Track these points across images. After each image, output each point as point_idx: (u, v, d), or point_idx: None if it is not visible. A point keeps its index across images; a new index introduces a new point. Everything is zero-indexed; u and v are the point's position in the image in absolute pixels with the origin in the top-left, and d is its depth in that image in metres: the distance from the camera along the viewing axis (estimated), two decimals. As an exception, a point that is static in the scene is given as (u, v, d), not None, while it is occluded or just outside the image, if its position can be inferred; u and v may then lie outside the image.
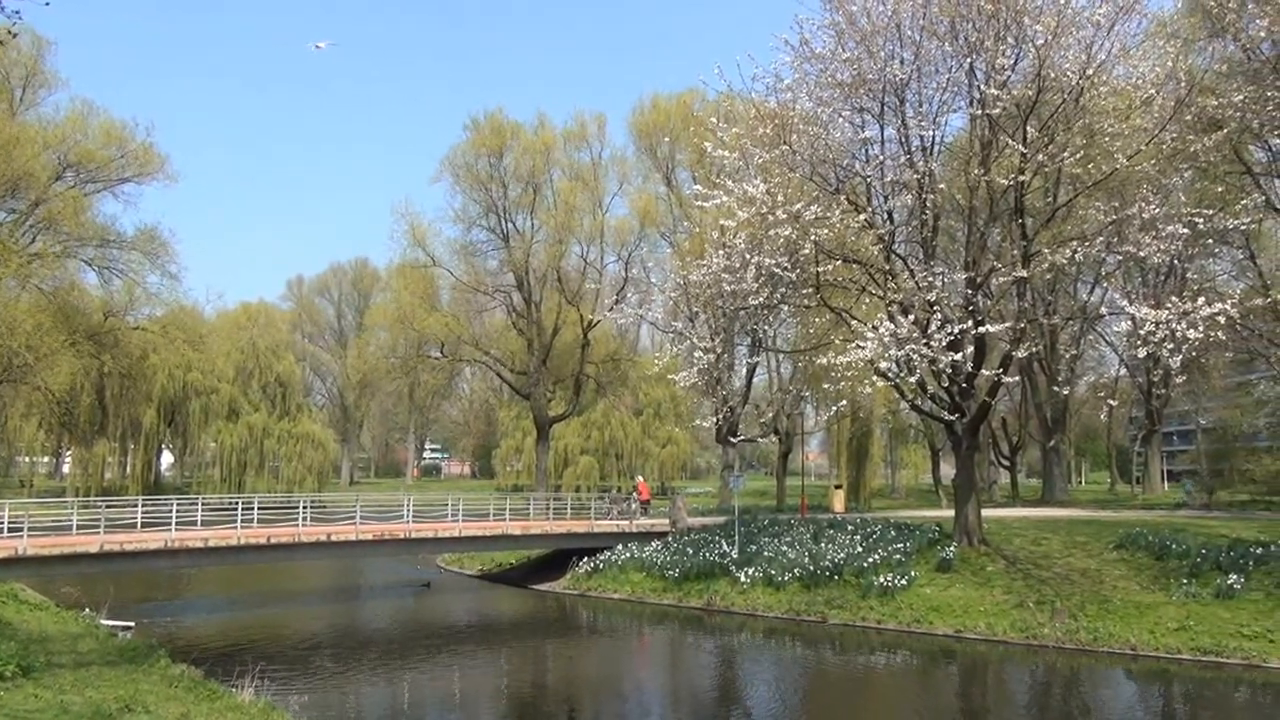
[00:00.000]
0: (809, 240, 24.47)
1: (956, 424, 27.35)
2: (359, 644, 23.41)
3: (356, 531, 27.44)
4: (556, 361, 53.96)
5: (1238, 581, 21.57)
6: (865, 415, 48.00)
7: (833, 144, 25.81)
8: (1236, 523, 31.11)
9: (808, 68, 25.45)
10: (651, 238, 52.65)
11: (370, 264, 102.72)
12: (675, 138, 50.99)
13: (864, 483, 51.51)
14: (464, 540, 30.69)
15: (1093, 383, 66.95)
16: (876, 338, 23.17)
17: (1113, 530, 27.87)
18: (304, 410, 71.95)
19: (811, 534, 29.65)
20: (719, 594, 27.11)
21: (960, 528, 27.43)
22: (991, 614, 22.83)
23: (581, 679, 20.49)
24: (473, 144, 50.91)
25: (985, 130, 24.72)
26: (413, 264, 52.44)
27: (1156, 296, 37.93)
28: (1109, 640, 20.64)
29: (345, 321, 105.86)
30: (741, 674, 21.07)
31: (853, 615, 24.28)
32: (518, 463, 74.75)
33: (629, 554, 30.92)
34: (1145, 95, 22.96)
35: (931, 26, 24.01)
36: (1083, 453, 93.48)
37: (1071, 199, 25.17)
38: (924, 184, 25.04)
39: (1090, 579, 23.80)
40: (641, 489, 38.78)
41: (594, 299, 51.31)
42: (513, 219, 51.46)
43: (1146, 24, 24.74)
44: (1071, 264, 25.50)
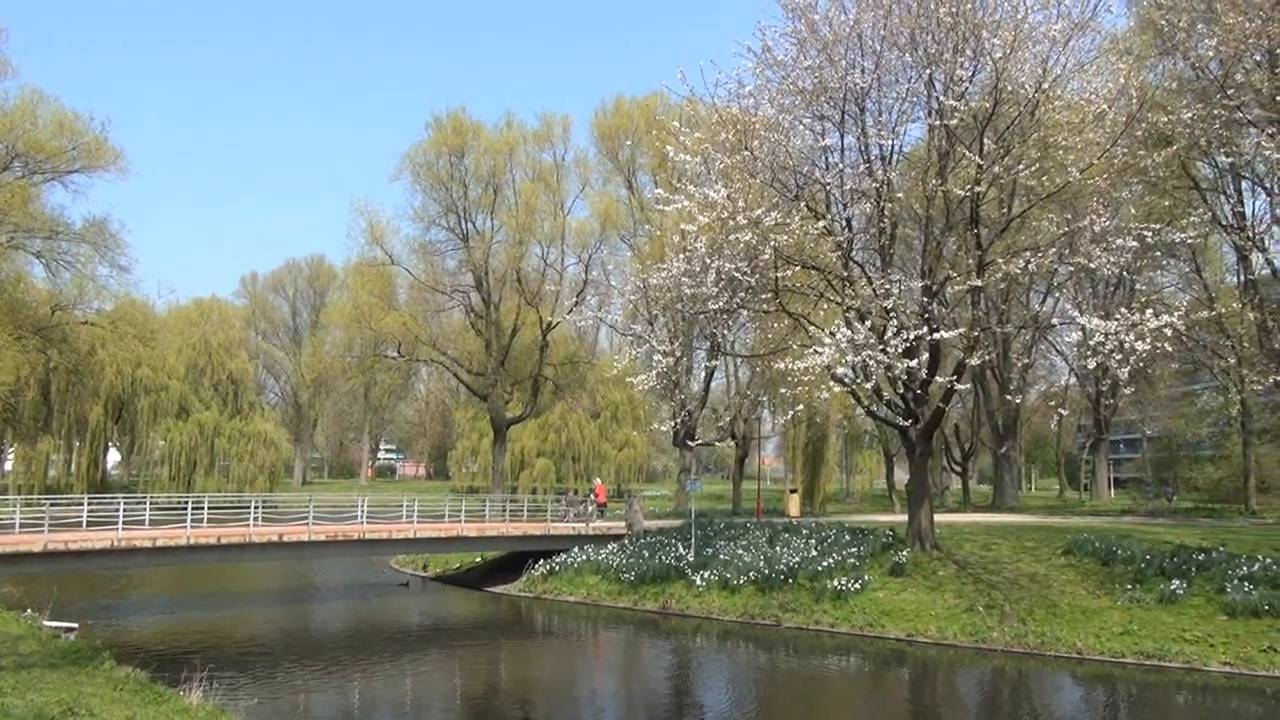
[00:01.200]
0: (768, 246, 24.63)
1: (911, 430, 27.68)
2: (310, 646, 23.12)
3: (309, 532, 27.09)
4: (514, 363, 53.74)
5: (1180, 587, 22.07)
6: (821, 420, 48.40)
7: (793, 151, 26.05)
8: (1180, 529, 31.83)
9: (770, 74, 25.66)
10: (612, 240, 52.75)
11: (327, 261, 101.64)
12: (637, 141, 51.11)
13: (819, 487, 51.94)
14: (418, 542, 30.44)
15: (1043, 391, 68.17)
16: (834, 343, 23.40)
17: (1061, 536, 28.39)
18: (257, 409, 70.94)
19: (767, 538, 29.84)
20: (674, 597, 27.16)
21: (913, 532, 27.77)
22: (943, 618, 23.13)
23: (536, 682, 20.41)
24: (434, 143, 50.58)
25: (943, 141, 25.07)
26: (370, 262, 51.92)
27: (1106, 307, 38.71)
28: (1056, 644, 21.01)
29: (300, 319, 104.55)
30: (696, 677, 21.13)
31: (807, 619, 24.46)
32: (474, 464, 74.30)
33: (585, 557, 30.87)
34: (1098, 110, 23.45)
35: (892, 37, 24.31)
36: (1033, 459, 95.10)
37: (1025, 210, 25.63)
38: (882, 192, 25.34)
39: (1039, 584, 24.22)
40: (598, 491, 38.79)
41: (553, 301, 51.17)
42: (473, 219, 51.22)
43: (1100, 40, 25.30)
44: (1024, 274, 25.89)
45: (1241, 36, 21.39)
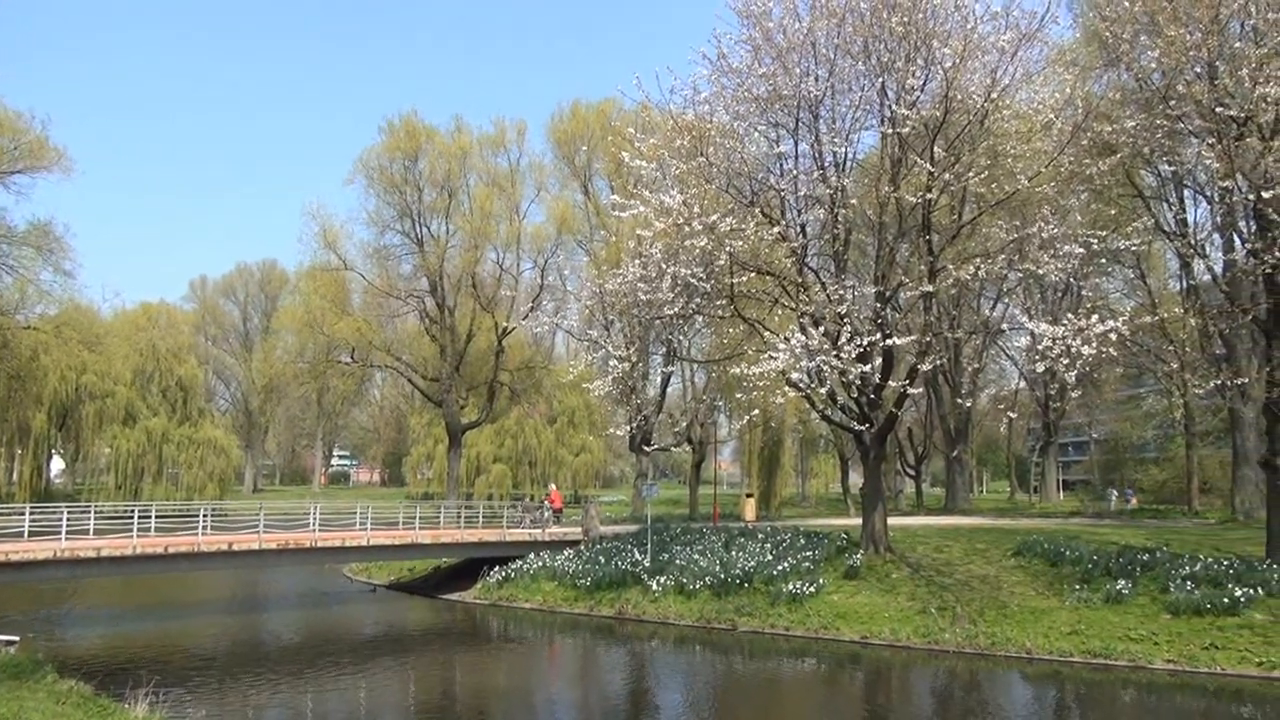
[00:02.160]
0: (724, 251, 24.79)
1: (865, 434, 27.96)
2: (261, 657, 22.74)
3: (260, 540, 26.65)
4: (470, 368, 53.40)
5: (1126, 587, 22.53)
6: (777, 425, 48.74)
7: (748, 157, 26.25)
8: (1126, 530, 32.54)
9: (725, 81, 25.86)
10: (568, 245, 52.63)
11: (279, 266, 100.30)
12: (593, 146, 51.12)
13: (775, 491, 52.27)
14: (372, 549, 30.09)
15: (994, 395, 69.33)
16: (788, 349, 23.58)
17: (1011, 538, 28.86)
18: (206, 415, 69.70)
19: (723, 542, 29.94)
20: (631, 602, 27.14)
21: (867, 536, 28.04)
22: (896, 620, 23.38)
23: (491, 690, 20.26)
24: (387, 146, 50.12)
25: (895, 148, 25.42)
26: (323, 267, 51.29)
27: (1054, 313, 39.51)
28: (1006, 644, 21.33)
29: (251, 324, 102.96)
30: (652, 682, 21.13)
31: (762, 622, 24.57)
32: (429, 470, 73.70)
33: (541, 563, 30.75)
34: (1045, 119, 23.94)
35: (845, 45, 24.60)
36: (984, 463, 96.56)
37: (975, 217, 26.07)
38: (836, 199, 25.61)
39: (989, 585, 24.58)
40: (554, 497, 38.63)
41: (509, 306, 50.97)
42: (427, 223, 50.81)
43: (1047, 51, 25.79)
44: (975, 280, 26.34)
45: (1182, 49, 21.92)
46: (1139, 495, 55.94)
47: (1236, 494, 39.18)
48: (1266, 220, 22.12)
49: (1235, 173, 21.87)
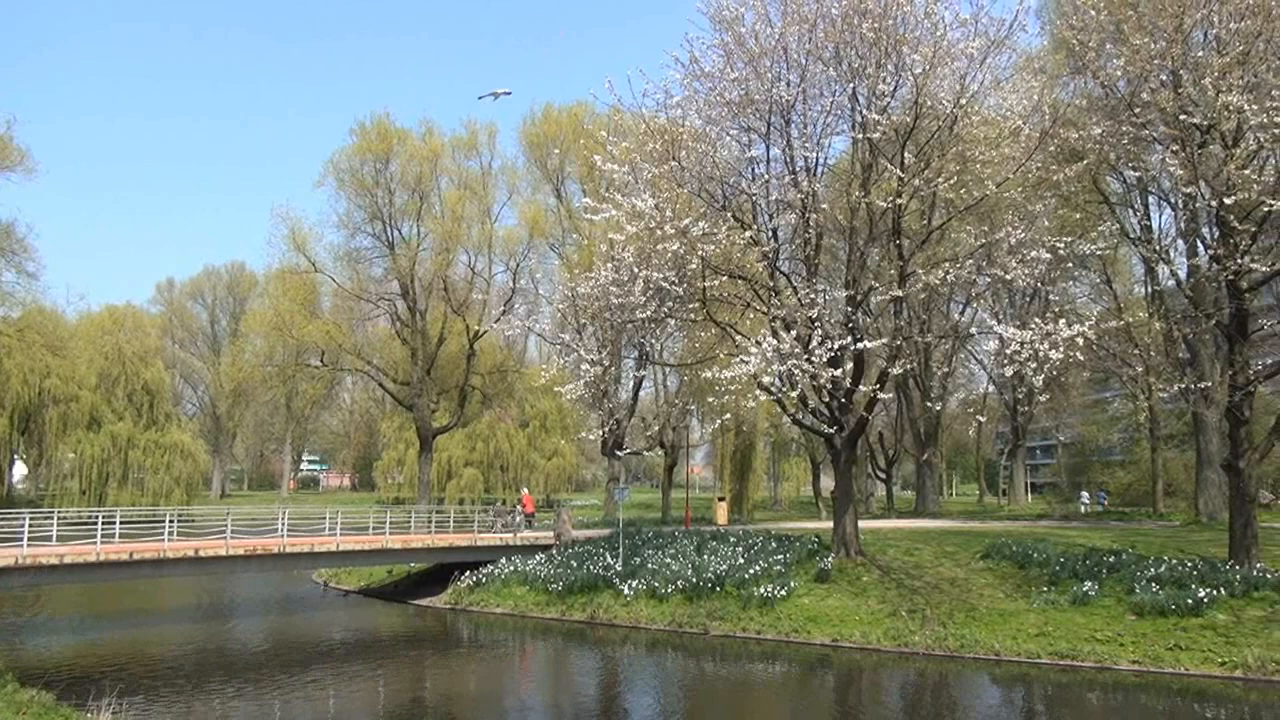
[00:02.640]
0: (696, 255, 24.82)
1: (836, 437, 28.08)
2: (228, 665, 22.44)
3: (227, 546, 26.31)
4: (441, 372, 53.15)
5: (1092, 588, 22.78)
6: (749, 429, 48.83)
7: (720, 161, 26.31)
8: (1092, 532, 32.89)
9: (697, 86, 25.93)
10: (540, 249, 52.58)
11: (247, 268, 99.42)
12: (565, 150, 51.07)
13: (747, 495, 52.37)
14: (341, 555, 29.80)
15: (963, 399, 69.91)
16: (760, 353, 23.65)
17: (980, 540, 29.10)
18: (173, 419, 68.75)
19: (695, 546, 29.94)
20: (603, 607, 27.07)
21: (838, 539, 28.15)
22: (866, 623, 23.48)
23: (462, 696, 20.12)
24: (358, 148, 49.84)
25: (866, 153, 25.59)
26: (293, 269, 50.88)
27: (1022, 317, 39.93)
28: (975, 646, 21.48)
29: (219, 327, 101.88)
30: (624, 687, 21.08)
31: (734, 626, 24.59)
32: (400, 475, 73.24)
33: (512, 567, 30.59)
34: (1013, 126, 24.20)
35: (817, 51, 24.73)
36: (954, 466, 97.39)
37: (945, 222, 26.30)
38: (807, 204, 25.73)
39: (958, 588, 24.76)
40: (526, 501, 38.50)
41: (481, 309, 50.80)
42: (398, 226, 50.59)
43: (1016, 59, 26.09)
44: (944, 284, 26.52)
45: (1147, 57, 22.24)
46: (1110, 498, 56.62)
47: (1200, 496, 39.72)
48: (1229, 226, 22.46)
49: (1198, 179, 22.21)
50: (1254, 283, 23.51)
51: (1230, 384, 23.94)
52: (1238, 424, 24.14)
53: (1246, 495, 24.09)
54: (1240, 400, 23.77)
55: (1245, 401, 23.91)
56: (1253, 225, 22.01)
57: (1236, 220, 22.00)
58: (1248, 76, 21.34)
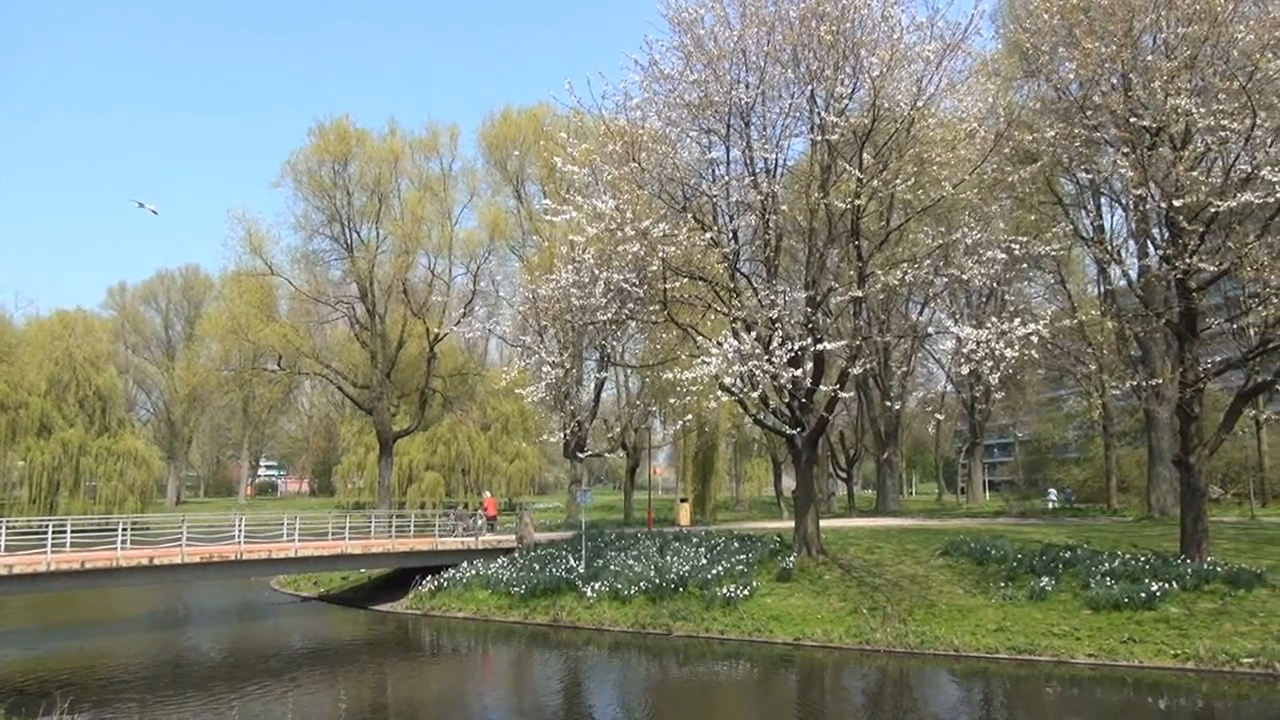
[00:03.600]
0: (657, 257, 24.85)
1: (797, 438, 28.25)
2: (184, 675, 22.04)
3: (182, 554, 25.86)
4: (401, 375, 52.65)
5: (1049, 584, 23.14)
6: (711, 430, 49.01)
7: (680, 163, 26.38)
8: (1049, 528, 33.41)
9: (656, 87, 25.98)
10: (501, 251, 52.32)
11: (202, 271, 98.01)
12: (526, 151, 50.91)
13: (709, 496, 52.51)
14: (300, 561, 29.42)
15: (922, 398, 70.71)
16: (721, 354, 23.74)
17: (939, 538, 29.43)
18: (126, 426, 67.55)
19: (657, 547, 29.97)
20: (565, 609, 26.99)
21: (800, 538, 28.32)
22: (828, 621, 23.63)
23: (424, 701, 19.95)
24: (316, 150, 49.22)
25: (825, 155, 25.80)
26: (249, 272, 50.14)
27: (978, 317, 40.45)
28: (935, 643, 21.71)
29: (174, 332, 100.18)
30: (587, 689, 21.02)
31: (697, 626, 24.62)
32: (360, 479, 72.48)
33: (474, 571, 30.41)
34: (969, 128, 24.52)
35: (775, 53, 24.89)
36: (913, 464, 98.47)
37: (903, 223, 26.57)
38: (767, 205, 25.87)
39: (919, 585, 25.02)
40: (488, 505, 38.29)
41: (441, 312, 50.38)
42: (357, 228, 50.01)
43: (971, 62, 26.40)
44: (903, 285, 26.85)
45: (1098, 61, 22.63)
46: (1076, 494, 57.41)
47: (1152, 492, 40.49)
48: (1178, 227, 22.92)
49: (1148, 181, 22.63)
50: (1202, 282, 24.00)
51: (1180, 381, 24.41)
52: (1188, 420, 24.63)
53: (1197, 490, 24.59)
54: (1190, 397, 24.26)
55: (1195, 398, 24.39)
56: (1201, 226, 22.45)
57: (1185, 221, 22.45)
58: (1195, 80, 21.79)
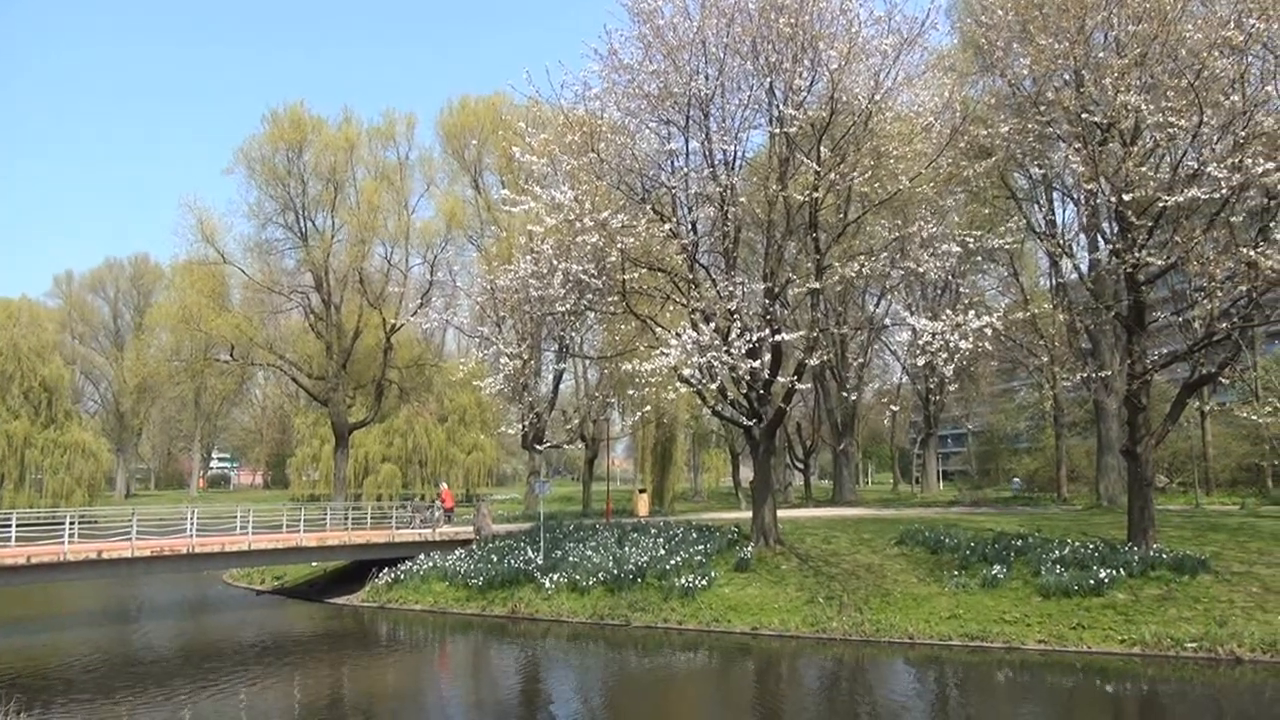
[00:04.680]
0: (615, 248, 24.81)
1: (755, 428, 28.41)
2: (135, 670, 21.66)
3: (132, 548, 25.39)
4: (357, 366, 52.09)
5: (1001, 571, 23.53)
6: (669, 421, 49.07)
7: (639, 154, 26.35)
8: (1001, 517, 33.94)
9: (616, 78, 25.89)
10: (458, 241, 51.91)
11: (152, 260, 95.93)
12: (484, 141, 50.55)
13: (668, 487, 52.60)
14: (254, 554, 29.01)
15: (878, 389, 71.51)
16: (680, 345, 23.78)
17: (894, 527, 29.79)
18: (73, 417, 65.98)
19: (616, 538, 29.99)
20: (524, 601, 26.94)
21: (757, 528, 28.50)
22: (785, 610, 23.84)
23: (381, 694, 19.79)
24: (270, 137, 48.45)
25: (783, 148, 25.90)
26: (200, 261, 49.28)
27: (933, 309, 40.92)
28: (890, 631, 22.00)
29: (123, 321, 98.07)
30: (545, 680, 21.01)
31: (655, 617, 24.71)
32: (315, 471, 71.57)
33: (431, 563, 30.22)
34: (925, 122, 24.79)
35: (734, 45, 24.93)
36: (869, 455, 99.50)
37: (860, 216, 26.82)
38: (726, 197, 25.93)
39: (874, 574, 25.31)
40: (445, 497, 38.06)
41: (398, 302, 49.91)
42: (312, 217, 49.34)
43: (927, 57, 26.71)
44: (859, 277, 27.07)
45: (1051, 57, 22.96)
46: (1028, 484, 58.36)
47: (1101, 481, 41.31)
48: (1127, 222, 23.35)
49: (1099, 176, 23.03)
50: (1150, 276, 24.52)
51: (1129, 373, 24.91)
52: (1136, 411, 25.14)
53: (1144, 479, 25.12)
54: (1138, 388, 24.76)
55: (1142, 390, 24.91)
56: (1149, 221, 22.89)
57: (1134, 216, 22.87)
58: (1145, 77, 22.20)
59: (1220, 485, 46.24)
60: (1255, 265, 20.83)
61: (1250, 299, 22.41)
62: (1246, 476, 46.15)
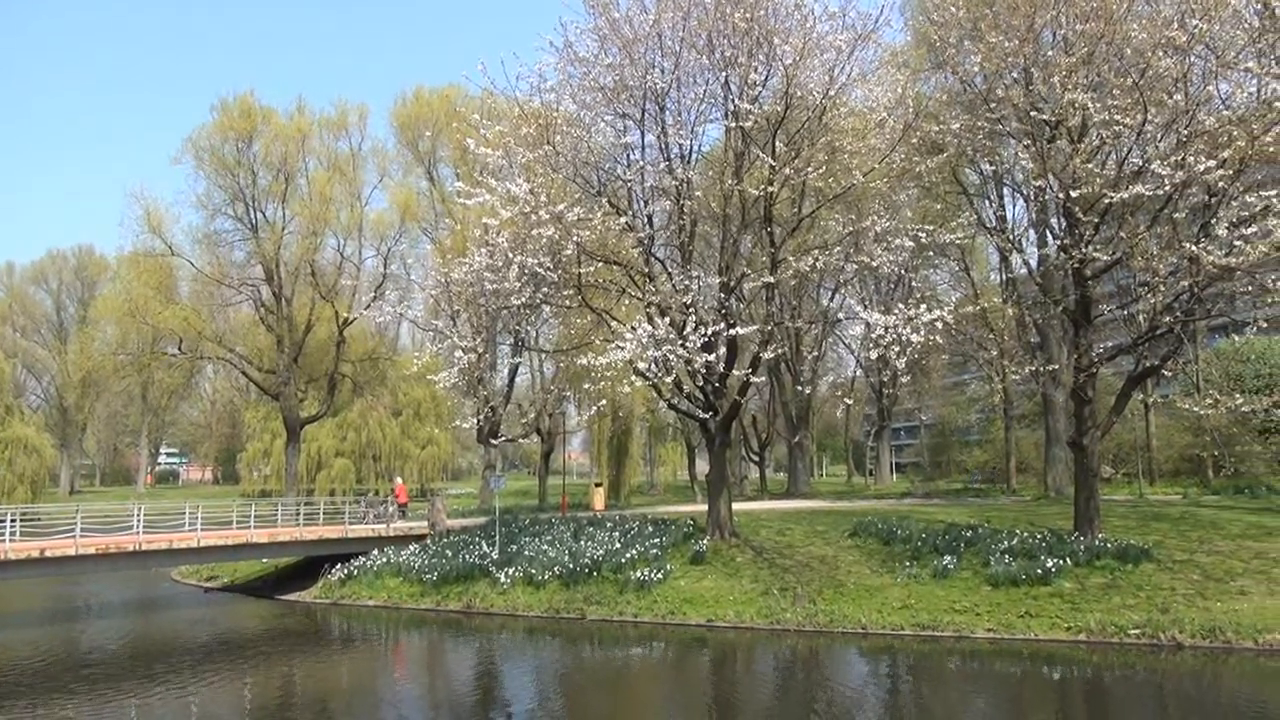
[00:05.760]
0: (571, 241, 24.74)
1: (710, 422, 28.52)
2: (78, 671, 21.17)
3: (76, 545, 24.83)
4: (309, 360, 51.47)
5: (951, 562, 23.89)
6: (625, 414, 49.12)
7: (595, 147, 26.31)
8: (953, 509, 34.42)
9: (571, 70, 25.81)
10: (412, 233, 51.54)
11: (97, 252, 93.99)
12: (438, 132, 50.15)
13: (624, 480, 52.70)
14: (203, 551, 28.53)
15: (832, 383, 72.20)
16: (635, 338, 23.79)
17: (848, 519, 30.09)
18: (14, 413, 64.33)
19: (571, 532, 29.96)
20: (479, 595, 26.81)
21: (713, 521, 28.63)
22: (740, 602, 23.98)
23: (334, 692, 19.58)
24: (220, 126, 47.65)
25: (739, 142, 26.00)
26: (147, 252, 48.35)
27: (887, 303, 41.41)
28: (843, 621, 22.23)
29: (66, 314, 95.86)
30: (501, 675, 20.93)
31: (611, 610, 24.72)
32: (266, 467, 70.55)
33: (385, 559, 29.96)
34: (879, 118, 25.03)
35: (690, 39, 24.94)
36: (824, 448, 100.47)
37: (814, 210, 27.02)
38: (682, 190, 25.98)
39: (828, 565, 25.56)
40: (399, 491, 37.76)
41: (351, 295, 49.38)
42: (262, 208, 48.65)
43: (881, 53, 26.95)
44: (814, 271, 27.28)
45: (1001, 55, 23.29)
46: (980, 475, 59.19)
47: (1049, 472, 42.06)
48: (1074, 218, 23.78)
49: (1047, 173, 23.42)
50: (1096, 271, 24.99)
51: (1075, 366, 25.39)
52: (1082, 403, 25.63)
53: (1090, 470, 25.64)
54: (1084, 381, 25.25)
55: (1089, 382, 25.41)
56: (1095, 217, 23.32)
57: (1081, 212, 23.29)
58: (1091, 76, 22.61)
59: (1163, 475, 47.29)
60: (1197, 260, 21.32)
61: (1192, 294, 22.93)
62: (1188, 467, 47.23)
